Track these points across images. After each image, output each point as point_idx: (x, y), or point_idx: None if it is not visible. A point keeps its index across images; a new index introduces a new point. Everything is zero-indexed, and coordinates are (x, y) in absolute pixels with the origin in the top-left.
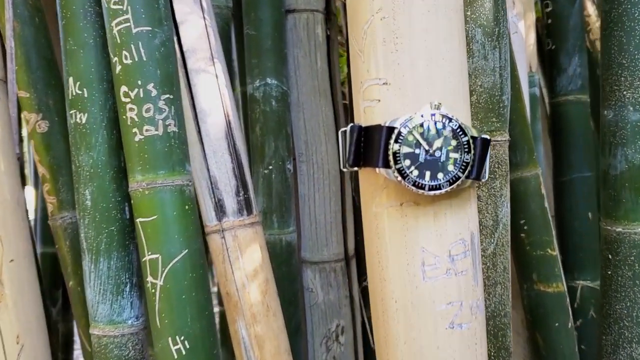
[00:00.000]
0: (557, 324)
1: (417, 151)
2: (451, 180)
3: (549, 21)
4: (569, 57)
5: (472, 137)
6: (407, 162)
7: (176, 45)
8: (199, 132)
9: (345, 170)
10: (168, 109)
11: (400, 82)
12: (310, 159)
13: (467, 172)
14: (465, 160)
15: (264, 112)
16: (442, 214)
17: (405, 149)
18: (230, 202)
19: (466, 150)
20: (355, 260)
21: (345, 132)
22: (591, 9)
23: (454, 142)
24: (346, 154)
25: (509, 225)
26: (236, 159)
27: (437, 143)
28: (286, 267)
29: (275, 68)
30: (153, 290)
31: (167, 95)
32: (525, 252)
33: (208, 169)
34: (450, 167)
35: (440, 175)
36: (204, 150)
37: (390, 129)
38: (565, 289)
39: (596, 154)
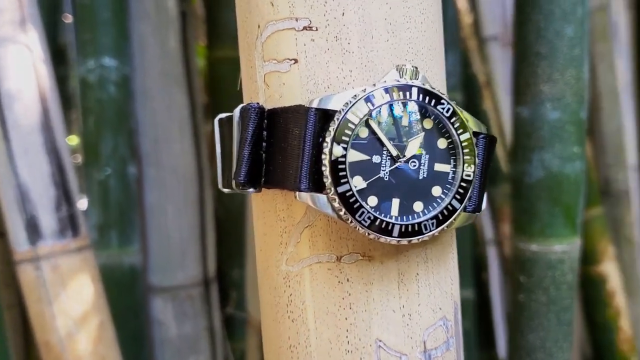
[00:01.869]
0: None
1: (375, 159)
2: (440, 216)
3: None
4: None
5: (474, 132)
6: (358, 181)
7: None
8: (3, 122)
9: (227, 191)
10: None
11: (337, 25)
12: (160, 161)
13: (465, 199)
14: (465, 175)
15: (99, 100)
16: (413, 277)
17: (354, 156)
18: (49, 220)
19: (466, 157)
20: (218, 284)
21: (225, 120)
22: (462, 4)
23: (442, 143)
24: (231, 164)
25: None
26: (56, 161)
27: (414, 144)
28: (128, 296)
29: (115, 46)
30: None
31: None
32: None
33: (16, 174)
34: (437, 191)
35: (418, 206)
36: (9, 148)
37: (323, 115)
38: None
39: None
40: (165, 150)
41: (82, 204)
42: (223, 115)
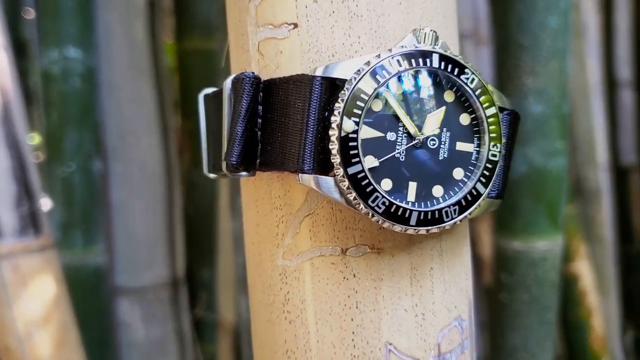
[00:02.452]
0: None
1: (390, 136)
2: (463, 202)
3: None
4: None
5: (500, 108)
6: (371, 161)
7: None
8: None
9: (212, 176)
10: None
11: None
12: (126, 156)
13: (491, 182)
14: (491, 156)
15: (63, 93)
16: (427, 271)
17: (367, 132)
18: (8, 218)
19: (492, 134)
20: (187, 285)
21: (212, 96)
22: None
23: (465, 119)
24: (219, 145)
25: None
26: (17, 155)
27: (434, 120)
28: (93, 298)
29: (80, 36)
30: None
31: None
32: None
33: None
34: (459, 173)
35: (438, 191)
36: None
37: (330, 85)
38: None
39: None
40: (132, 145)
41: (45, 202)
42: (209, 90)
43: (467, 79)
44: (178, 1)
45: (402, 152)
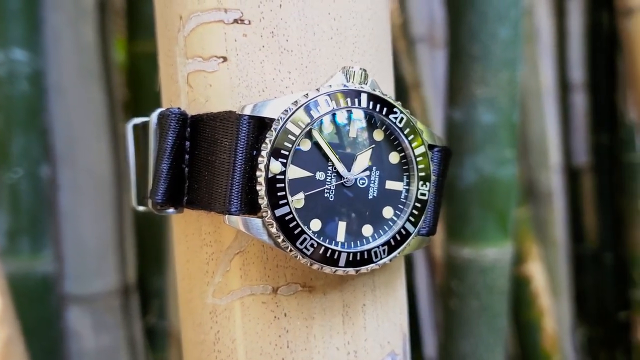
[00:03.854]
0: None
1: (319, 175)
2: (392, 242)
3: None
4: None
5: (430, 145)
6: (299, 201)
7: None
8: None
9: (142, 209)
10: None
11: (274, 18)
12: (75, 162)
13: (420, 221)
14: (420, 195)
15: (8, 97)
16: (359, 308)
17: (295, 172)
18: None
19: (420, 173)
20: (139, 292)
21: (141, 126)
22: (392, 4)
23: (395, 157)
24: (148, 179)
25: None
26: None
27: (363, 159)
28: (41, 307)
29: (26, 38)
30: None
31: None
32: None
33: None
34: (388, 212)
35: (368, 230)
36: None
37: (258, 123)
38: None
39: None
40: (81, 150)
41: None
42: (138, 120)
43: (396, 118)
44: (130, 2)
45: (332, 192)
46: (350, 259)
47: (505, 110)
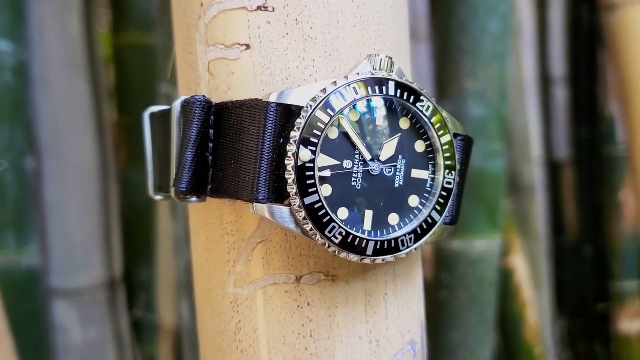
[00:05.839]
0: None
1: (346, 164)
2: (419, 230)
3: None
4: None
5: (454, 134)
6: (327, 191)
7: None
8: None
9: (158, 198)
10: None
11: (298, 6)
12: (60, 154)
13: (446, 210)
14: (446, 183)
15: None
16: (381, 297)
17: (324, 160)
18: None
19: (447, 162)
20: (125, 286)
21: (159, 115)
22: None
23: (421, 146)
24: (167, 167)
25: None
26: None
27: (389, 148)
28: (27, 301)
29: (11, 28)
30: None
31: None
32: None
33: None
34: (414, 201)
35: (394, 219)
36: None
37: (286, 111)
38: None
39: None
40: (66, 142)
41: None
42: (155, 108)
43: (423, 106)
44: None
45: (359, 180)
46: (378, 247)
47: (495, 104)
